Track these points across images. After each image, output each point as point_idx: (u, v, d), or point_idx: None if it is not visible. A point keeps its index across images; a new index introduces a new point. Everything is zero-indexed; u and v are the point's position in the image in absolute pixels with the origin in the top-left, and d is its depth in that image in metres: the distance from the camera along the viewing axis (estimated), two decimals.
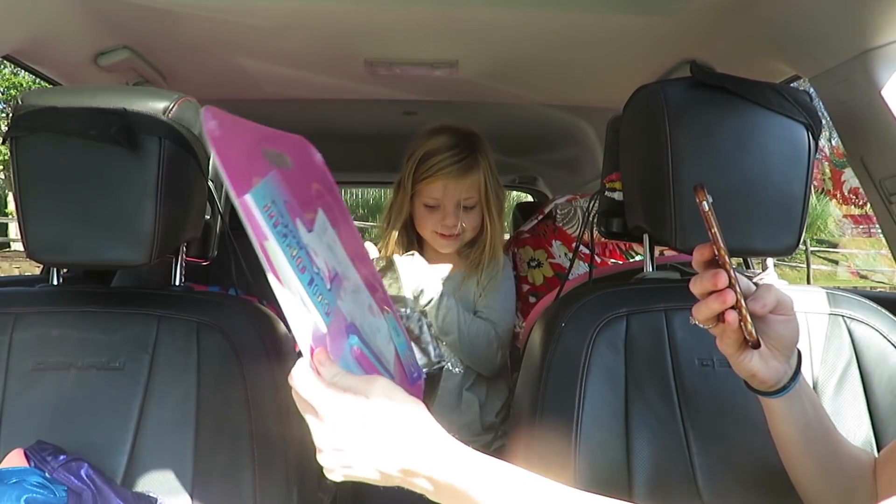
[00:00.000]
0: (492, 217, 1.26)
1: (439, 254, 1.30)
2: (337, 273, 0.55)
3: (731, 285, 0.57)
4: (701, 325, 0.62)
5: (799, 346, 0.63)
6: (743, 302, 0.58)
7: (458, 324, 1.21)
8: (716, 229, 0.57)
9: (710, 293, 0.59)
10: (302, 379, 0.47)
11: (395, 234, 1.28)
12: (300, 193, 0.54)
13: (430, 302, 1.19)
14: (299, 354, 0.49)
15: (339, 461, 0.48)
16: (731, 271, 0.57)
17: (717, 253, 0.58)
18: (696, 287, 0.60)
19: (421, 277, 1.19)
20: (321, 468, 0.49)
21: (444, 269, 1.30)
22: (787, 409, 0.64)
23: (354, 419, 0.47)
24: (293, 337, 0.47)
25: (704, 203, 0.57)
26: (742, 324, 0.58)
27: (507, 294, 1.32)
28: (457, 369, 1.25)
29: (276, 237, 0.46)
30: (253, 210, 0.44)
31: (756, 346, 0.59)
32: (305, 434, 0.49)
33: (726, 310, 0.58)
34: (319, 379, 0.47)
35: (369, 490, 1.13)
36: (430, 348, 1.04)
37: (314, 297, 0.48)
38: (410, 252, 1.23)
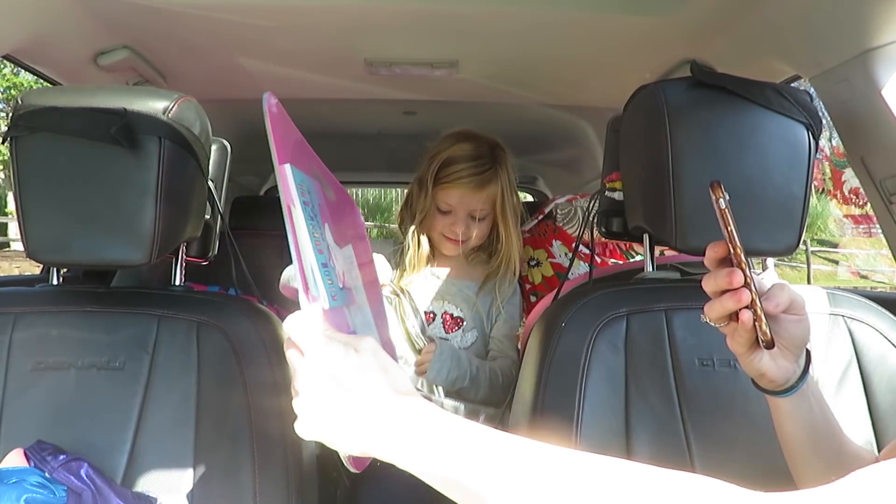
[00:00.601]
0: (507, 228, 1.26)
1: (446, 256, 1.31)
2: (352, 290, 0.56)
3: (746, 284, 0.57)
4: (712, 324, 0.61)
5: None
6: (758, 301, 0.57)
7: (467, 377, 1.19)
8: (732, 227, 0.57)
9: (724, 291, 0.58)
10: (296, 321, 0.46)
11: (415, 228, 1.27)
12: (336, 218, 0.55)
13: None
14: None
15: (313, 406, 0.46)
16: (747, 270, 0.57)
17: (732, 251, 0.57)
18: (709, 285, 0.60)
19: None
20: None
21: (462, 284, 1.30)
22: (794, 409, 0.64)
23: (340, 362, 0.46)
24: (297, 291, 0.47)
25: (721, 200, 0.57)
26: (756, 323, 0.58)
27: (518, 313, 1.33)
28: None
29: (303, 213, 0.47)
30: (289, 178, 0.47)
31: (770, 346, 0.58)
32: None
33: (740, 309, 0.58)
34: (314, 324, 0.47)
35: (368, 490, 1.14)
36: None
37: (324, 279, 0.49)
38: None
